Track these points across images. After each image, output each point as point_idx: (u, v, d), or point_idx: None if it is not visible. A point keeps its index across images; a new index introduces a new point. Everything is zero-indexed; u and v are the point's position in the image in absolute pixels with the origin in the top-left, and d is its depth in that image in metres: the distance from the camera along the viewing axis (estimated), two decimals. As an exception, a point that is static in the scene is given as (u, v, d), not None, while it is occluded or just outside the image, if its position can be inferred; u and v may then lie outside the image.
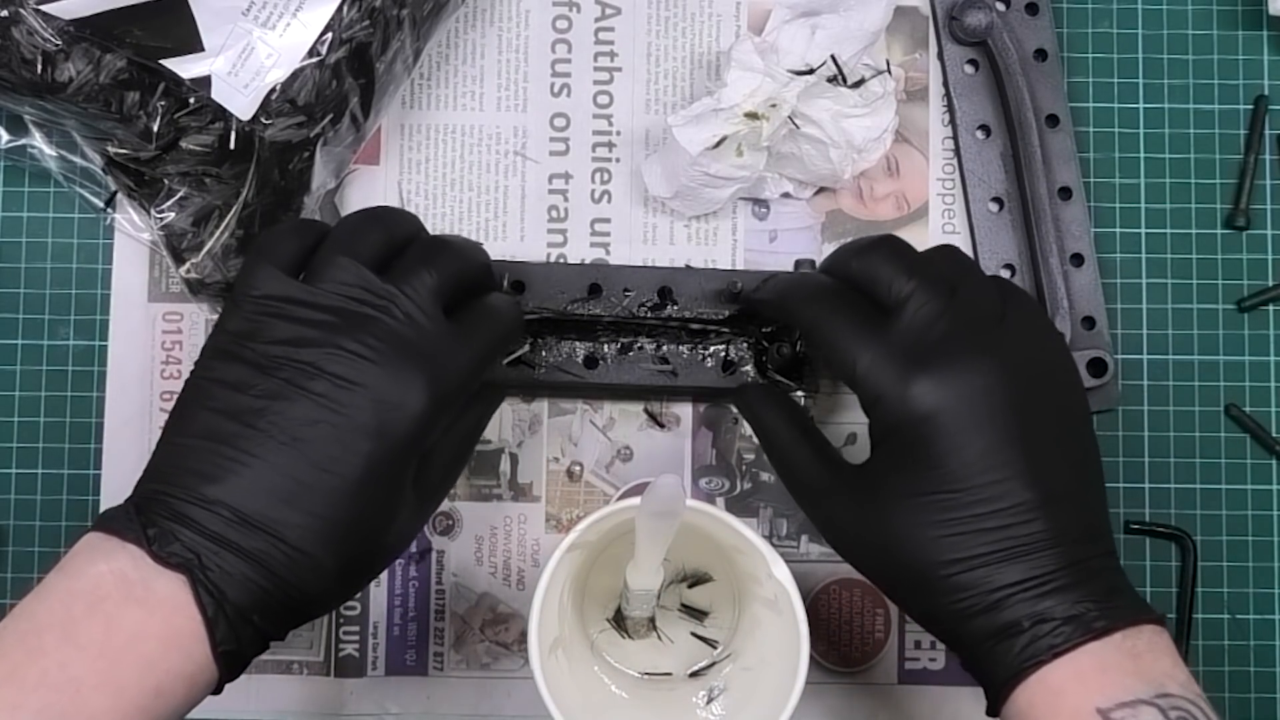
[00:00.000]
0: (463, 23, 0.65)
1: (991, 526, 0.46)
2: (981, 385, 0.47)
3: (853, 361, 0.48)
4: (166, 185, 0.57)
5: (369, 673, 0.63)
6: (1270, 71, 0.66)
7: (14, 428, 0.63)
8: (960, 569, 0.46)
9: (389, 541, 0.49)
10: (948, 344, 0.48)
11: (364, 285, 0.47)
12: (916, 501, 0.47)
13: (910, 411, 0.47)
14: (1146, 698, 0.44)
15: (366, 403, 0.46)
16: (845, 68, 0.60)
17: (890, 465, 0.48)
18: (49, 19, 0.53)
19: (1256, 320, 0.65)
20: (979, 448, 0.46)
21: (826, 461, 0.52)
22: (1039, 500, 0.46)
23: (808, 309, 0.51)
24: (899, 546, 0.47)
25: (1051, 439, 0.48)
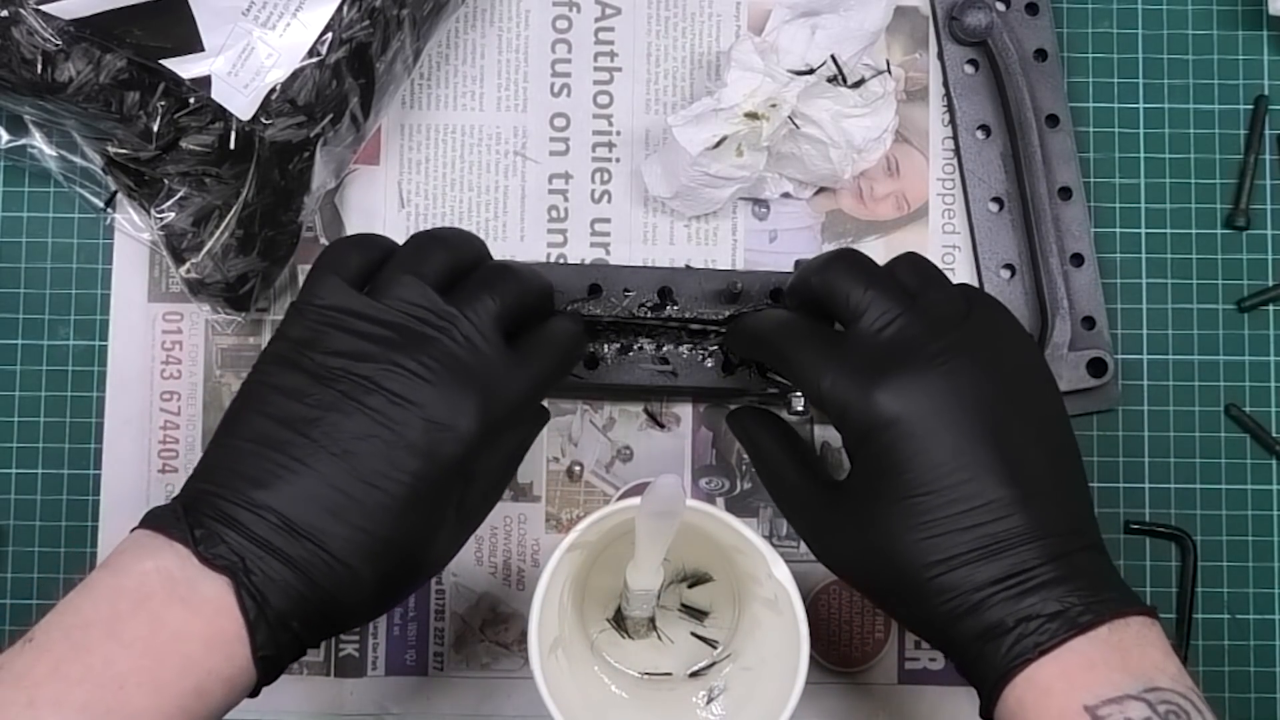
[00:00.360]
0: (463, 23, 0.65)
1: (968, 525, 0.46)
2: (944, 386, 0.47)
3: (816, 383, 0.49)
4: (166, 185, 0.57)
5: (369, 673, 0.63)
6: (1270, 71, 0.66)
7: (14, 428, 0.63)
8: (942, 570, 0.46)
9: (427, 561, 0.49)
10: (907, 349, 0.48)
11: (427, 305, 0.48)
12: (893, 507, 0.47)
13: (874, 419, 0.47)
14: (1134, 693, 0.44)
15: (418, 422, 0.46)
16: (845, 68, 0.60)
17: (865, 475, 0.48)
18: (49, 19, 0.53)
19: (1256, 320, 0.65)
20: (947, 447, 0.46)
21: (812, 478, 0.53)
22: (1014, 496, 0.46)
23: (771, 344, 0.53)
24: (882, 554, 0.47)
25: (1024, 435, 0.48)
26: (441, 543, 0.49)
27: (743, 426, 0.58)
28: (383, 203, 0.64)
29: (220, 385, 0.63)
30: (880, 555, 0.47)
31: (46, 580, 0.62)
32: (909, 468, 0.46)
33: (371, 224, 0.64)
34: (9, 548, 0.63)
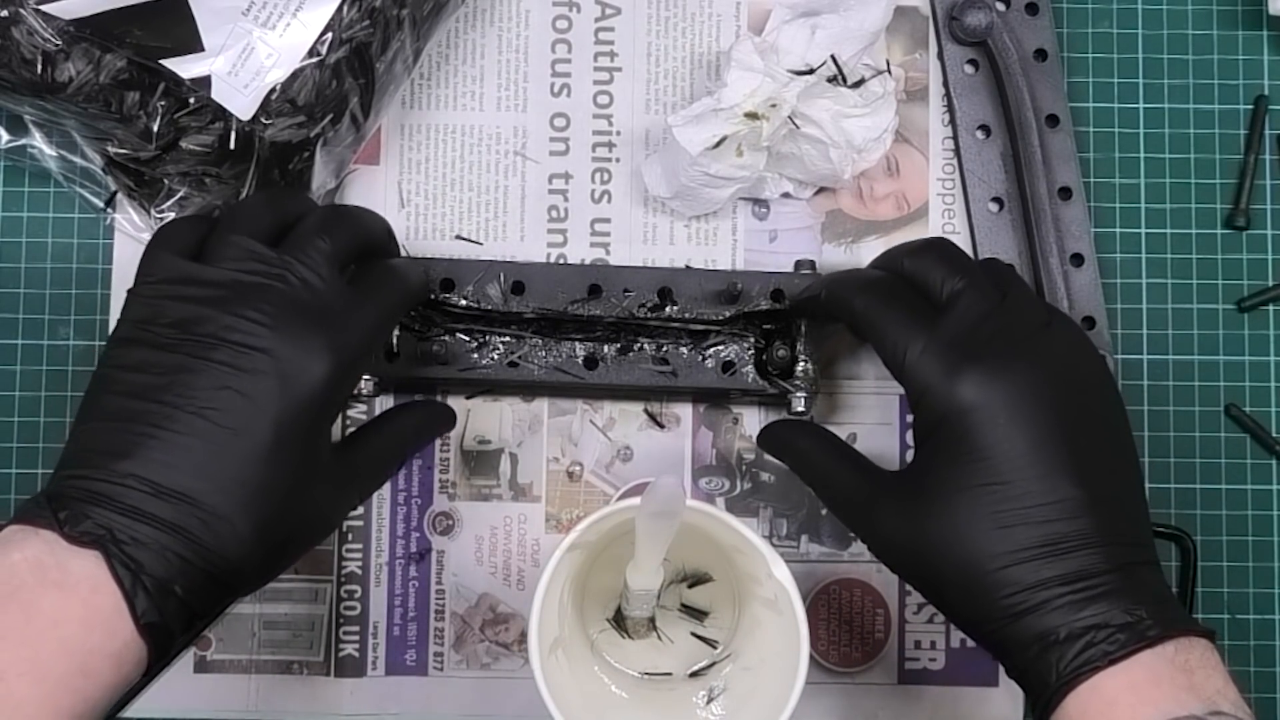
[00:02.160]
0: (463, 23, 0.65)
1: (1039, 520, 0.46)
2: (1029, 383, 0.47)
3: (903, 352, 0.49)
4: (166, 185, 0.57)
5: (369, 673, 0.63)
6: (1270, 71, 0.66)
7: (14, 428, 0.63)
8: (1008, 562, 0.46)
9: (308, 513, 0.48)
10: (997, 341, 0.48)
11: (257, 257, 0.48)
12: (964, 494, 0.47)
13: (958, 403, 0.47)
14: (1200, 714, 0.43)
15: (269, 366, 0.46)
16: (845, 68, 0.60)
17: (936, 460, 0.48)
18: (49, 19, 0.53)
19: (1256, 320, 0.65)
20: (1026, 442, 0.47)
21: (865, 472, 0.52)
22: (1086, 499, 0.46)
23: (860, 299, 0.52)
24: (947, 543, 0.47)
25: (1096, 443, 0.48)
26: (322, 494, 0.49)
27: (777, 438, 0.58)
28: (383, 203, 0.64)
29: (220, 385, 0.63)
30: (944, 543, 0.47)
31: (46, 580, 0.62)
32: (986, 455, 0.47)
33: (371, 224, 0.64)
34: (9, 548, 0.62)
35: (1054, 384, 0.48)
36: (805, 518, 0.64)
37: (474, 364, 0.60)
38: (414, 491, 0.63)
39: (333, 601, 0.63)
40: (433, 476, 0.63)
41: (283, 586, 0.63)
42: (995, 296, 0.50)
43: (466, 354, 0.60)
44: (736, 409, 0.64)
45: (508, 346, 0.60)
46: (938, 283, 0.51)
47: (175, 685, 0.62)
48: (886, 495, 0.50)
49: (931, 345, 0.48)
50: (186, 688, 0.62)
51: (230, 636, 0.62)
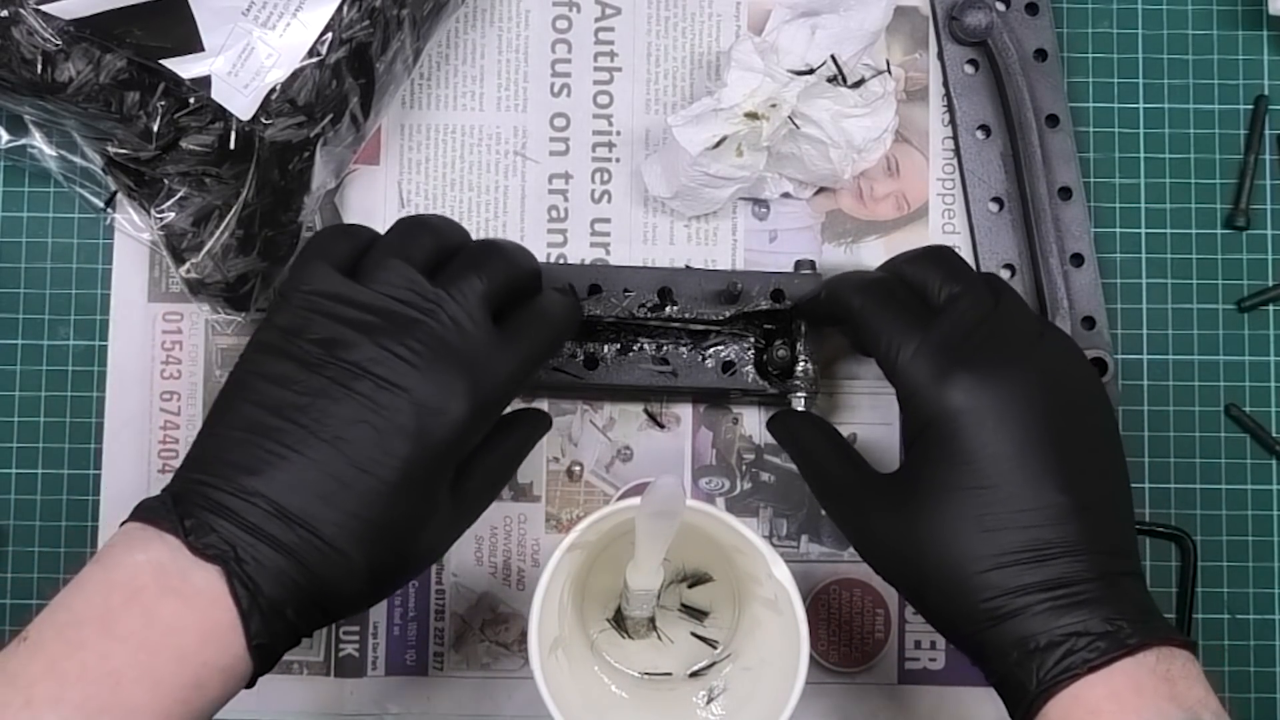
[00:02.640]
0: (463, 23, 0.65)
1: (1023, 525, 0.46)
2: (1018, 388, 0.48)
3: (896, 352, 0.49)
4: (166, 185, 0.57)
5: (369, 673, 0.63)
6: (1270, 71, 0.66)
7: (14, 428, 0.63)
8: (991, 565, 0.46)
9: (420, 549, 0.49)
10: (988, 347, 0.49)
11: (413, 288, 0.48)
12: (950, 497, 0.47)
13: (946, 406, 0.47)
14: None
15: (407, 405, 0.46)
16: (845, 68, 0.60)
17: (924, 462, 0.48)
18: (49, 19, 0.53)
19: (1256, 320, 0.65)
20: (1013, 446, 0.47)
21: (860, 471, 0.53)
22: (1072, 506, 0.46)
23: (858, 298, 0.52)
24: (931, 545, 0.47)
25: (1083, 451, 0.48)
26: (435, 530, 0.49)
27: (785, 426, 0.58)
28: (383, 203, 0.64)
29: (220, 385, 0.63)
30: (928, 544, 0.47)
31: (46, 580, 0.62)
32: (972, 459, 0.47)
33: (371, 224, 0.64)
34: (9, 548, 0.63)
35: (1044, 391, 0.48)
36: (805, 518, 0.64)
37: (474, 364, 0.60)
38: (414, 491, 0.63)
39: (333, 601, 0.63)
40: (433, 476, 0.63)
41: (283, 586, 0.63)
42: (989, 303, 0.50)
43: (466, 354, 0.60)
44: (736, 409, 0.64)
45: (508, 346, 0.60)
46: (935, 287, 0.51)
47: (175, 685, 0.62)
48: (877, 495, 0.50)
49: (924, 347, 0.49)
50: (186, 688, 0.62)
51: (230, 636, 0.62)
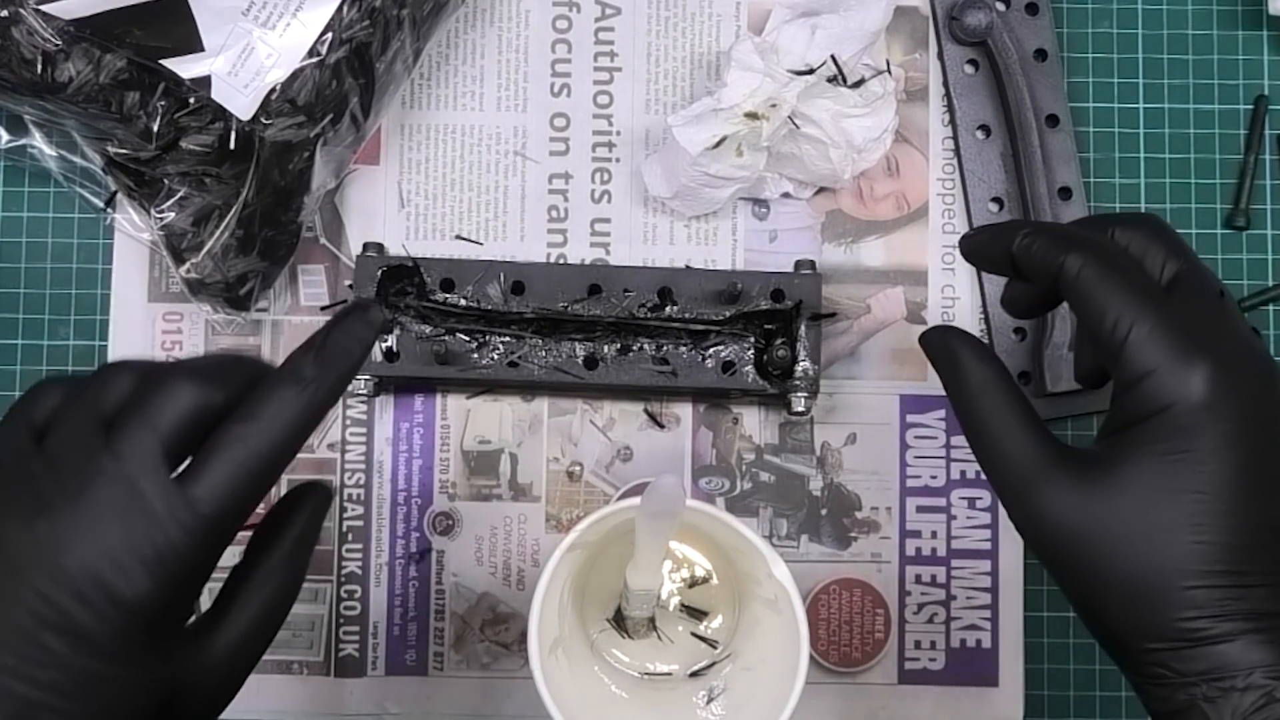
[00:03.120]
0: (463, 23, 0.65)
1: (1238, 544, 0.42)
2: (1261, 387, 0.43)
3: (1128, 327, 0.43)
4: (166, 185, 0.57)
5: (369, 673, 0.63)
6: (1270, 71, 0.66)
7: (14, 428, 0.63)
8: (1198, 582, 0.41)
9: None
10: (1231, 335, 0.43)
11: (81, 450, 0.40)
12: (1169, 496, 0.42)
13: (1189, 394, 0.42)
14: None
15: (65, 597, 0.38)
16: (845, 68, 0.60)
17: (1143, 450, 0.42)
18: (49, 19, 0.53)
19: (1256, 320, 0.65)
20: (1247, 455, 0.42)
21: (1044, 438, 0.45)
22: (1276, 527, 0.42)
23: (1074, 258, 0.45)
24: (1131, 542, 0.42)
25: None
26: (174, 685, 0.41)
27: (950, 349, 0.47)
28: (383, 203, 0.64)
29: (220, 385, 0.63)
30: (1128, 542, 0.42)
31: (46, 580, 0.62)
32: (1206, 459, 0.42)
33: (371, 224, 0.64)
34: (9, 548, 0.62)
35: (1271, 398, 0.43)
36: (805, 518, 0.64)
37: (474, 364, 0.60)
38: (414, 491, 0.63)
39: (333, 601, 0.63)
40: (433, 476, 0.63)
41: (283, 586, 0.63)
42: (1217, 288, 0.45)
43: (467, 354, 0.60)
44: (736, 409, 0.64)
45: (508, 346, 0.60)
46: (1157, 260, 0.45)
47: (175, 685, 0.62)
48: (1065, 469, 0.44)
49: (1163, 325, 0.42)
50: (186, 688, 0.62)
51: (230, 636, 0.62)
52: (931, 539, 0.64)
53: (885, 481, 0.64)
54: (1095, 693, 0.63)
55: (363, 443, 0.63)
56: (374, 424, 0.63)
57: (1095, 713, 0.63)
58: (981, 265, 0.53)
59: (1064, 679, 0.63)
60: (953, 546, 0.64)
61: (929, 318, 0.64)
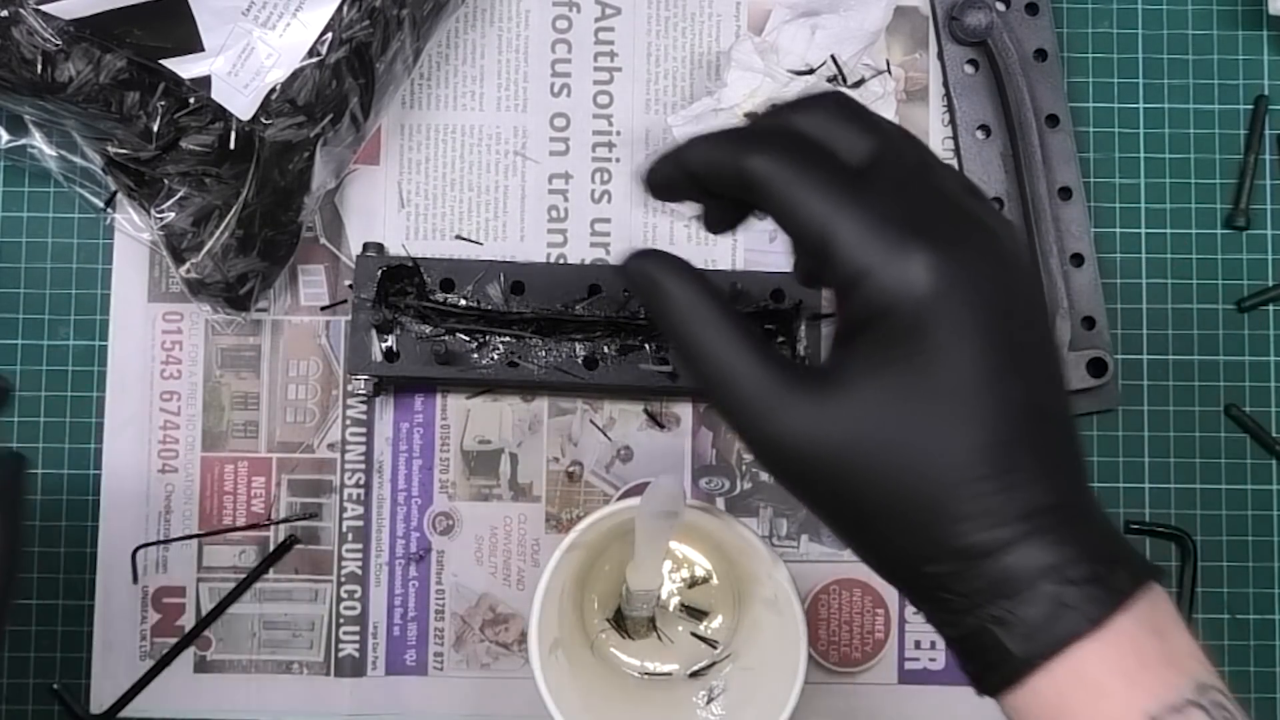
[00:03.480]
0: (463, 23, 0.65)
1: (999, 440, 0.37)
2: (986, 267, 0.37)
3: (831, 227, 0.37)
4: (166, 185, 0.57)
5: (369, 673, 0.63)
6: (1270, 71, 0.66)
7: (14, 428, 0.63)
8: (972, 491, 0.36)
9: None
10: (942, 213, 0.38)
11: None
12: (917, 404, 0.37)
13: (910, 287, 0.36)
14: (1192, 696, 0.37)
15: None
16: (845, 68, 0.60)
17: (880, 360, 0.37)
18: (49, 19, 0.53)
19: (1256, 320, 0.65)
20: (992, 336, 0.37)
21: (770, 358, 0.39)
22: (1042, 416, 0.37)
23: (754, 160, 0.39)
24: (894, 461, 0.37)
25: (1038, 346, 0.39)
26: None
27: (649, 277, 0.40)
28: (383, 203, 0.64)
29: (220, 385, 0.63)
30: (883, 453, 0.37)
31: (46, 580, 0.62)
32: (943, 357, 0.37)
33: (371, 224, 0.64)
34: (9, 548, 0.63)
35: (1006, 271, 0.38)
36: (805, 518, 0.64)
37: (474, 364, 0.60)
38: (414, 491, 0.63)
39: (333, 601, 0.63)
40: (433, 476, 0.63)
41: (282, 587, 0.63)
42: (922, 160, 0.40)
43: (467, 354, 0.60)
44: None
45: (508, 346, 0.60)
46: (847, 142, 0.39)
47: (175, 685, 0.62)
48: (800, 390, 0.38)
49: (869, 218, 0.37)
50: (186, 688, 0.62)
51: (230, 636, 0.62)
52: (931, 539, 0.63)
53: (885, 481, 0.64)
54: (1095, 693, 0.63)
55: (363, 443, 0.63)
56: (374, 424, 0.63)
57: (1095, 713, 0.63)
58: (668, 195, 0.45)
59: (1064, 679, 0.63)
60: (953, 546, 0.64)
61: (929, 318, 0.64)
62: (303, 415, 0.63)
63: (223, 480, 0.63)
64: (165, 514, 0.63)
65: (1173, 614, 0.38)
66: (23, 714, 0.62)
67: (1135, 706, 0.36)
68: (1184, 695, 0.37)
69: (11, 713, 0.62)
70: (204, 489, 0.63)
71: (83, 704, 0.62)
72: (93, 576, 0.62)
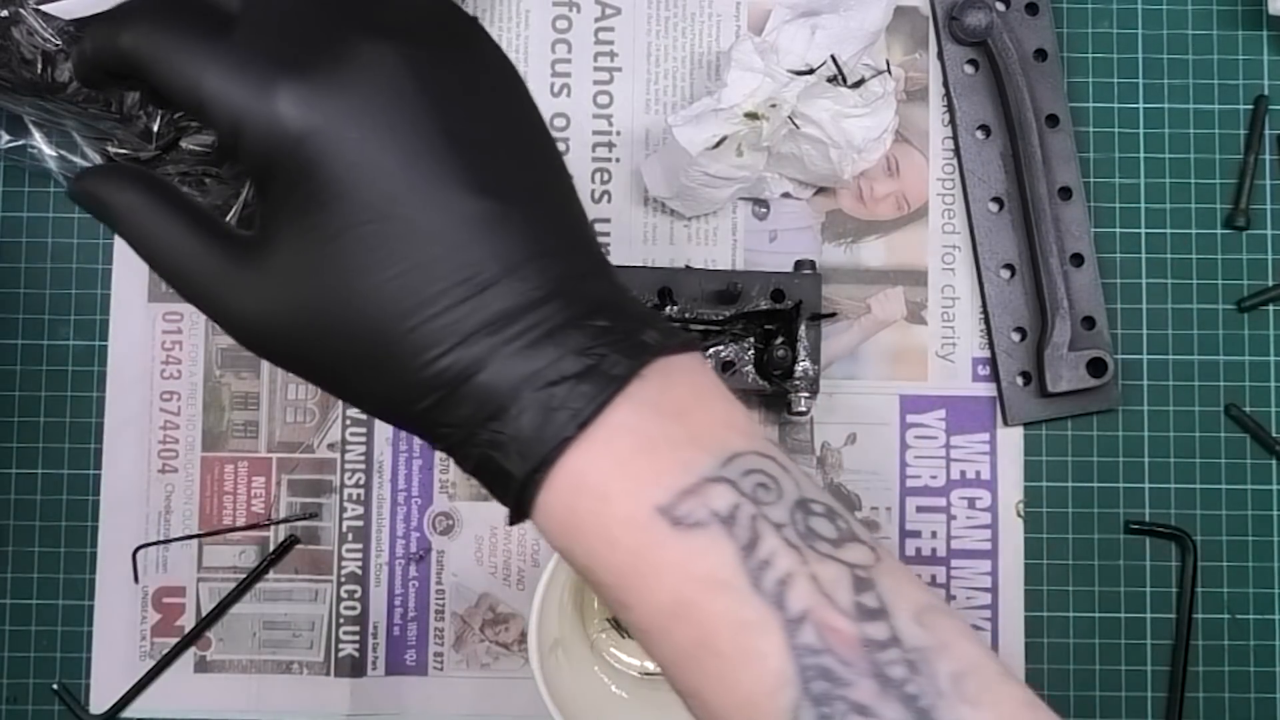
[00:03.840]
0: (463, 23, 0.65)
1: (443, 254, 0.34)
2: (377, 79, 0.34)
3: (195, 85, 0.35)
4: (166, 185, 0.57)
5: (369, 673, 0.63)
6: (1270, 71, 0.66)
7: (14, 428, 0.63)
8: (421, 319, 0.34)
9: None
10: (318, 36, 0.35)
11: None
12: (336, 245, 0.34)
13: (285, 129, 0.34)
14: (712, 473, 0.34)
15: None
16: (845, 68, 0.60)
17: (286, 213, 0.35)
18: (49, 19, 0.53)
19: (1256, 320, 0.65)
20: (398, 155, 0.34)
21: (216, 238, 0.37)
22: (496, 210, 0.34)
23: (125, 35, 0.36)
24: (334, 312, 0.34)
25: (493, 134, 0.36)
26: None
27: (90, 193, 0.39)
28: (383, 203, 0.64)
29: (220, 385, 0.63)
30: (328, 313, 0.35)
31: (46, 580, 0.62)
32: (346, 188, 0.34)
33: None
34: (9, 548, 0.63)
35: (416, 70, 0.35)
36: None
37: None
38: (414, 491, 0.63)
39: (333, 601, 0.63)
40: (432, 476, 0.63)
41: (283, 586, 0.63)
42: None
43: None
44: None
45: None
46: None
47: (175, 685, 0.62)
48: (244, 265, 0.36)
49: (231, 63, 0.34)
50: (186, 688, 0.62)
51: (230, 636, 0.62)
52: (931, 539, 0.64)
53: (885, 481, 0.64)
54: (1095, 693, 0.63)
55: (363, 443, 0.63)
56: (374, 424, 0.63)
57: (1095, 712, 0.63)
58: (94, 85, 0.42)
59: (1064, 679, 0.63)
60: (953, 546, 0.64)
61: (929, 318, 0.64)
62: (303, 415, 0.63)
63: (223, 480, 0.63)
64: (165, 514, 0.63)
65: (705, 385, 0.36)
66: (23, 714, 0.62)
67: (642, 502, 0.33)
68: (700, 474, 0.34)
69: (11, 713, 0.62)
70: (204, 489, 0.63)
71: (83, 704, 0.62)
72: (93, 576, 0.62)
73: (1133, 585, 0.63)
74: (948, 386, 0.64)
